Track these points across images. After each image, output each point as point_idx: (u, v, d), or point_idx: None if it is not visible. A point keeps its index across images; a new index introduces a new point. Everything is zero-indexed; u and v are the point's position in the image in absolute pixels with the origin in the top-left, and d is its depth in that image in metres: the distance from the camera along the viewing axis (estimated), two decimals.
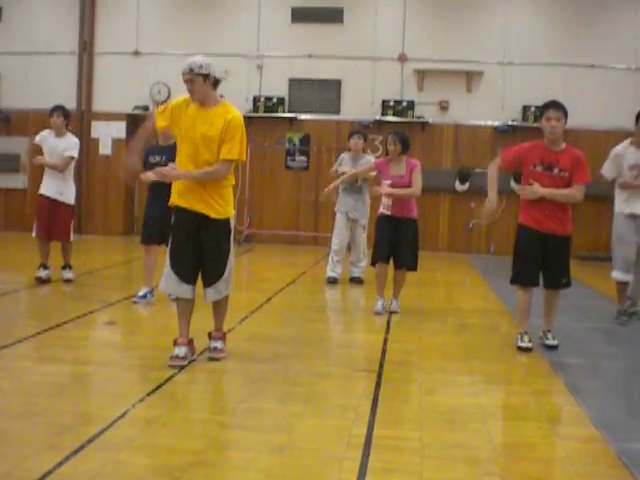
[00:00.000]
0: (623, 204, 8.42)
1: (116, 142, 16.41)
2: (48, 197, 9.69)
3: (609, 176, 8.44)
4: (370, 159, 10.25)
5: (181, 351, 5.89)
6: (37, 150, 10.05)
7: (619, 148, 8.48)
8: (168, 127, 5.96)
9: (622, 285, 8.45)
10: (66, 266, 9.83)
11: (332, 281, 10.64)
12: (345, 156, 10.77)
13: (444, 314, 8.75)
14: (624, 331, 8.15)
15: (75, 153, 9.69)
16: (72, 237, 9.90)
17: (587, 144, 13.65)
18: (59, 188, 9.70)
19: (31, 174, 16.32)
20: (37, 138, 9.87)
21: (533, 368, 6.33)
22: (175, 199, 5.95)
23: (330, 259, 10.74)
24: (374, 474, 3.87)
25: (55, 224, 9.71)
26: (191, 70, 5.70)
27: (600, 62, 15.33)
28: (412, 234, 8.51)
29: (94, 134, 16.38)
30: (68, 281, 9.74)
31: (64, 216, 9.78)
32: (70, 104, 16.07)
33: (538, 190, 6.63)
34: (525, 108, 15.31)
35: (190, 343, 6.03)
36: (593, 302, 9.44)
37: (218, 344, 6.14)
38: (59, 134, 9.71)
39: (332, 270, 10.70)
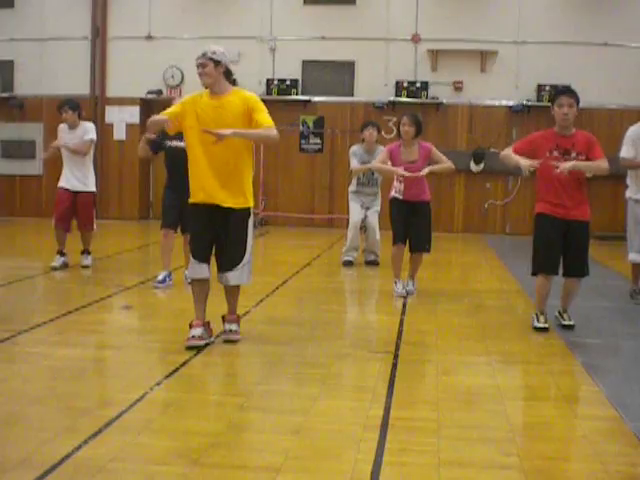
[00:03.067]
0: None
1: (130, 127, 16.43)
2: (68, 189, 9.75)
3: (629, 156, 8.29)
4: (382, 149, 10.26)
5: (197, 332, 5.96)
6: (52, 138, 10.09)
7: (636, 129, 8.38)
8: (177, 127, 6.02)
9: (638, 266, 8.43)
10: (85, 251, 9.90)
11: (348, 264, 10.66)
12: (357, 148, 10.55)
13: (460, 295, 8.73)
14: None
15: (93, 135, 9.78)
16: (95, 226, 9.97)
17: (601, 122, 13.59)
18: (81, 178, 9.78)
19: (46, 160, 16.42)
20: (58, 138, 9.82)
21: (550, 348, 6.31)
22: (193, 197, 6.04)
23: (346, 245, 10.75)
24: (391, 455, 3.87)
25: (79, 214, 9.80)
26: (204, 54, 5.86)
27: (614, 40, 15.19)
28: (428, 217, 8.43)
29: (108, 119, 16.40)
30: (86, 267, 9.79)
31: (88, 205, 9.87)
32: (83, 90, 16.16)
33: (565, 165, 6.53)
34: (540, 87, 15.19)
35: (206, 325, 6.08)
36: (610, 282, 9.41)
37: (233, 326, 6.19)
38: (72, 126, 9.77)
39: (347, 254, 10.73)
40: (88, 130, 9.77)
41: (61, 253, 9.72)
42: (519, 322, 7.18)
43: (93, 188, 9.91)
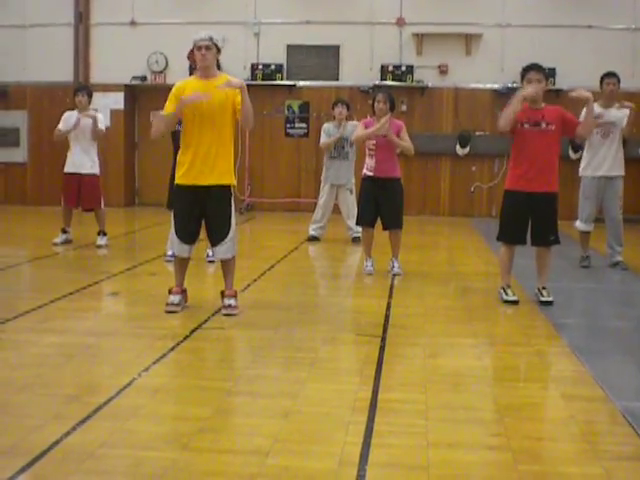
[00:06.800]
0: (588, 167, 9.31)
1: (114, 113, 16.31)
2: (73, 173, 10.38)
3: None
4: (355, 124, 10.61)
5: (175, 299, 6.53)
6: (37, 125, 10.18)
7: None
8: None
9: (585, 235, 9.36)
10: (100, 232, 10.48)
11: (312, 239, 11.23)
12: (329, 125, 11.25)
13: (447, 278, 8.76)
14: (626, 291, 8.17)
15: (103, 126, 10.51)
16: (103, 204, 10.61)
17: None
18: (86, 162, 10.39)
19: (30, 148, 16.37)
20: (61, 125, 10.44)
21: (536, 329, 6.34)
22: (180, 180, 6.48)
23: (313, 223, 11.35)
24: (379, 437, 3.89)
25: (84, 195, 10.44)
26: (210, 38, 6.26)
27: (598, 23, 15.17)
28: (398, 194, 8.66)
29: (92, 105, 16.22)
30: (99, 247, 10.33)
31: (94, 186, 10.50)
32: (67, 76, 16.05)
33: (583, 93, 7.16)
34: None
35: (184, 292, 6.63)
36: (594, 262, 9.44)
37: (231, 301, 6.56)
38: (82, 112, 10.37)
39: (314, 230, 11.32)
40: (101, 119, 10.50)
41: (64, 231, 10.43)
42: (506, 304, 7.19)
43: (97, 171, 10.52)
